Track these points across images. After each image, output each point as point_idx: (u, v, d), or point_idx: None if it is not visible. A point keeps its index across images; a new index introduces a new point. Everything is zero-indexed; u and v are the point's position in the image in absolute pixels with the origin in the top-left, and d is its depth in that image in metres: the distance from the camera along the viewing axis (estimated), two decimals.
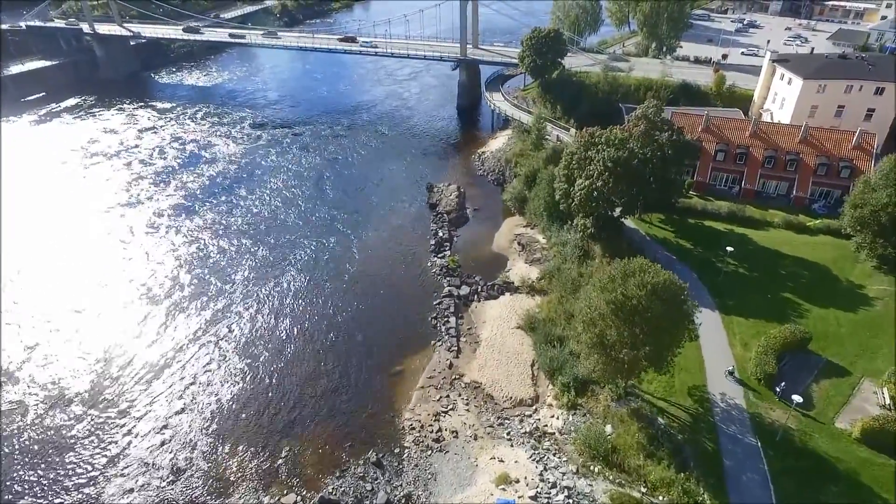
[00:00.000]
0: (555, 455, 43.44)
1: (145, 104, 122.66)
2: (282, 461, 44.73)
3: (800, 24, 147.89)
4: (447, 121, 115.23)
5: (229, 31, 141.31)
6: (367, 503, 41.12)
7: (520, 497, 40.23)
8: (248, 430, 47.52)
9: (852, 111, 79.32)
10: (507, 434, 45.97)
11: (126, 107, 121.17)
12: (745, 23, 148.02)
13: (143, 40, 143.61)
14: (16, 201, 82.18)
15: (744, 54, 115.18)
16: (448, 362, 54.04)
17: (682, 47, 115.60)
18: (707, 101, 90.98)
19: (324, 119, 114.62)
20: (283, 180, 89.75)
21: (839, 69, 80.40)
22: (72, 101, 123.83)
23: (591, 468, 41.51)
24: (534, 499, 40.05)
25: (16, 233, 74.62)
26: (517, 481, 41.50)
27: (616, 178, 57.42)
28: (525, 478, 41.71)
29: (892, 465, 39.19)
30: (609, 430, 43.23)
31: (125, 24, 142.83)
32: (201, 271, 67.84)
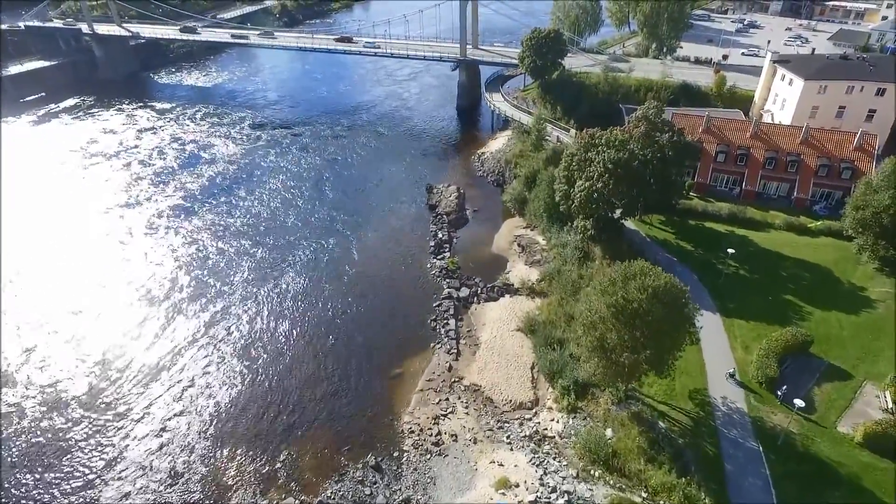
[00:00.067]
0: (555, 459, 43.18)
1: (144, 104, 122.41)
2: (280, 465, 44.54)
3: (800, 25, 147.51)
4: (447, 121, 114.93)
5: (231, 32, 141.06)
6: None
7: (519, 501, 40.01)
8: (247, 434, 47.30)
9: (853, 112, 79.09)
10: (507, 438, 45.73)
11: (125, 107, 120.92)
12: (746, 23, 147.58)
13: (142, 40, 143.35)
14: (15, 202, 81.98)
15: (744, 55, 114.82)
16: (447, 365, 53.79)
17: (682, 48, 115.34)
18: (707, 101, 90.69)
19: (323, 119, 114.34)
20: (283, 181, 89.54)
21: (840, 70, 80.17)
22: (71, 102, 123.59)
23: (592, 472, 41.26)
24: (533, 503, 39.83)
25: (15, 234, 74.43)
26: (517, 485, 41.30)
27: (616, 179, 57.21)
28: (525, 482, 41.49)
29: (894, 470, 38.93)
30: (609, 433, 42.99)
31: (124, 24, 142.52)
32: (200, 273, 67.63)
